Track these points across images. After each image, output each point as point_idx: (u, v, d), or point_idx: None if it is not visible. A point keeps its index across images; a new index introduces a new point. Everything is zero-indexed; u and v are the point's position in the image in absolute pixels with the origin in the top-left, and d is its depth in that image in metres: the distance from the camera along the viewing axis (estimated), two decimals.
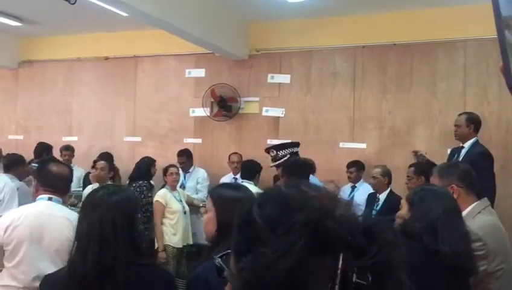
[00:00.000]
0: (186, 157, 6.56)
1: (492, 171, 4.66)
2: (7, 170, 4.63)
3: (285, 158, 3.99)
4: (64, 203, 2.92)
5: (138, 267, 1.88)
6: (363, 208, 5.63)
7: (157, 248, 5.44)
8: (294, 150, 4.25)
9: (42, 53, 7.99)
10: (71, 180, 3.06)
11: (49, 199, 2.82)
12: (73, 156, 6.85)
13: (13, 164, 4.67)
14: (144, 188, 5.74)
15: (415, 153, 5.36)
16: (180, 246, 5.51)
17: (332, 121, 6.50)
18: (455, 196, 2.47)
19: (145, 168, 6.04)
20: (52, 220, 2.73)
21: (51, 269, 2.47)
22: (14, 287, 2.70)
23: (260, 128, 6.86)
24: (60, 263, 2.55)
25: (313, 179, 4.12)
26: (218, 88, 6.91)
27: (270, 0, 5.93)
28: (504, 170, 5.43)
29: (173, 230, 5.49)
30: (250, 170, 5.51)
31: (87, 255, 1.83)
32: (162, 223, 5.48)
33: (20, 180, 4.72)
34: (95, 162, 5.98)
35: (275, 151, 4.61)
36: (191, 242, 5.65)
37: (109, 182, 5.33)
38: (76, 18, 6.65)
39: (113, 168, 5.91)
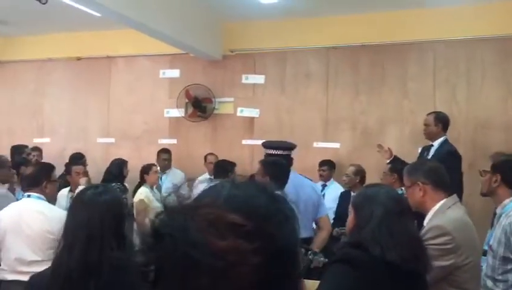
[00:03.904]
0: (169, 155, 6.54)
1: (459, 170, 4.79)
2: None
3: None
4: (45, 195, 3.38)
5: (123, 268, 1.87)
6: (334, 205, 5.73)
7: None
8: (272, 151, 4.21)
9: (12, 53, 7.84)
10: (33, 176, 3.40)
11: (28, 196, 3.33)
12: (41, 156, 6.70)
13: None
14: (118, 190, 5.67)
15: (379, 147, 5.44)
16: None
17: (306, 121, 6.57)
18: (421, 193, 2.53)
19: (117, 169, 5.98)
20: (27, 214, 3.23)
21: (28, 254, 3.15)
22: (5, 271, 3.23)
23: (235, 128, 6.88)
24: (38, 250, 3.15)
25: (295, 176, 4.05)
26: (192, 88, 6.91)
27: (243, 1, 5.98)
28: (472, 168, 5.55)
29: None
30: (221, 169, 5.55)
31: (72, 253, 1.84)
32: None
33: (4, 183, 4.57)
34: (68, 165, 5.87)
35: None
36: None
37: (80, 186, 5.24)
38: (47, 18, 6.56)
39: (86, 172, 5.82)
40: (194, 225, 0.77)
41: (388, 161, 5.28)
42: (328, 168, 6.08)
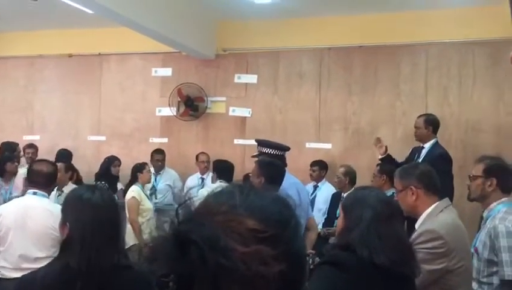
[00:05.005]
0: (163, 156, 6.49)
1: (450, 173, 4.81)
2: None
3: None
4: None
5: (122, 270, 1.85)
6: (324, 207, 5.73)
7: (132, 245, 5.21)
8: (267, 150, 4.11)
9: (3, 49, 7.74)
10: (53, 176, 3.43)
11: (34, 193, 3.31)
12: (36, 154, 6.66)
13: None
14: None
15: (377, 141, 5.32)
16: None
17: (298, 121, 6.57)
18: (413, 197, 2.52)
19: (103, 168, 5.96)
20: (33, 211, 3.24)
21: (33, 251, 3.17)
22: (6, 268, 3.22)
23: (227, 128, 6.86)
24: (42, 247, 3.17)
25: (291, 177, 3.96)
26: (184, 87, 6.88)
27: (237, 0, 5.95)
28: (463, 170, 5.58)
29: (144, 229, 5.34)
30: (225, 169, 5.39)
31: (88, 254, 1.79)
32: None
33: None
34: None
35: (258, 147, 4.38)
36: None
37: (69, 183, 5.13)
38: (39, 14, 6.50)
39: (71, 168, 5.66)
40: (220, 232, 0.77)
41: (380, 157, 5.26)
42: (318, 168, 6.06)
